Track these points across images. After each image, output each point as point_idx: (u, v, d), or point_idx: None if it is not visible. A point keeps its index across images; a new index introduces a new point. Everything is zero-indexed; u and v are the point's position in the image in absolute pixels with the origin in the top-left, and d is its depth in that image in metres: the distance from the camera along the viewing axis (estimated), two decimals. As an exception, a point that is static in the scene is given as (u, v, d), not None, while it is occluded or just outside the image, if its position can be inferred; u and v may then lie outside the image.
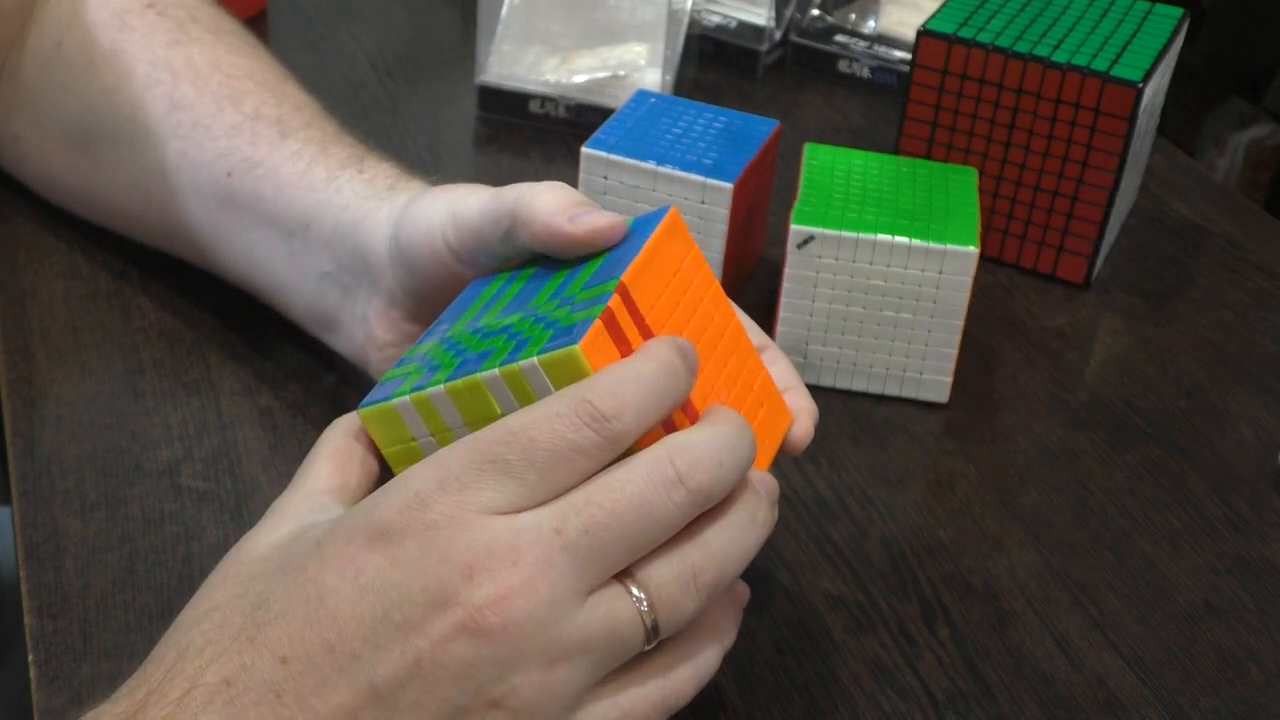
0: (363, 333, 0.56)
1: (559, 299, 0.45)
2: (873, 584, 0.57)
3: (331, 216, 0.57)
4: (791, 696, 0.52)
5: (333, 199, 0.57)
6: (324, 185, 0.58)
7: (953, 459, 0.64)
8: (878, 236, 0.63)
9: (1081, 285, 0.76)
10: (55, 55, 0.66)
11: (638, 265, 0.44)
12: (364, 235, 0.55)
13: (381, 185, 0.57)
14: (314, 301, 0.59)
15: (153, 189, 0.64)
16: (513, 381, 0.42)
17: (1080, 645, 0.55)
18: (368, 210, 0.56)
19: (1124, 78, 0.69)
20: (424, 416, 0.43)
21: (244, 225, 0.60)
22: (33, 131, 0.69)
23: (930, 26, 0.73)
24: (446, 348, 0.45)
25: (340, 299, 0.57)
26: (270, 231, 0.59)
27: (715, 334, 0.46)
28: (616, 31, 0.86)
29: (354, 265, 0.56)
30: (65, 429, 0.60)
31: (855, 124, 0.89)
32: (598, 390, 0.40)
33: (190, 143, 0.62)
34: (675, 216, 0.47)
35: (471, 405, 0.42)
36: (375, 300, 0.55)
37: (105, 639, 0.51)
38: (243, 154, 0.60)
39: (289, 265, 0.59)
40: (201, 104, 0.62)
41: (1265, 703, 0.53)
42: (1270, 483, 0.64)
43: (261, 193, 0.59)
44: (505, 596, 0.38)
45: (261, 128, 0.61)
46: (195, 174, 0.62)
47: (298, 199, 0.58)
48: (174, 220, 0.64)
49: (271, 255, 0.60)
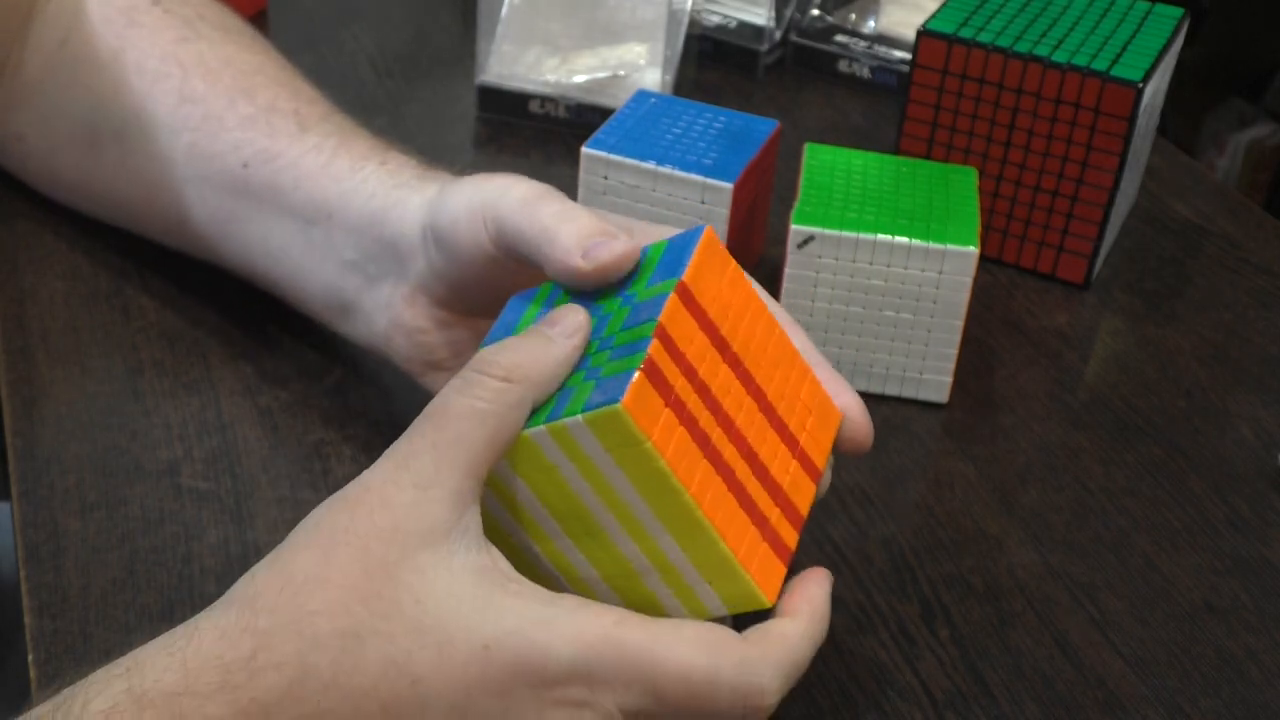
0: (386, 319, 0.57)
1: (598, 339, 0.45)
2: (873, 584, 0.57)
3: (357, 205, 0.57)
4: (792, 696, 0.52)
5: (358, 188, 0.57)
6: (348, 175, 0.58)
7: (953, 459, 0.64)
8: (878, 236, 0.63)
9: (1081, 285, 0.76)
10: (60, 52, 0.66)
11: (673, 304, 0.43)
12: (394, 222, 0.56)
13: (408, 175, 0.57)
14: (332, 289, 0.59)
15: (160, 182, 0.64)
16: (560, 438, 0.42)
17: (1080, 645, 0.55)
18: (398, 198, 0.56)
19: (1124, 78, 0.69)
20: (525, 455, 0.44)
21: (259, 215, 0.61)
22: (37, 129, 0.69)
23: (930, 26, 0.73)
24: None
25: (361, 285, 0.58)
26: (288, 221, 0.60)
27: (759, 352, 0.46)
28: (616, 31, 0.86)
29: (381, 253, 0.56)
30: (65, 429, 0.60)
31: (855, 124, 0.89)
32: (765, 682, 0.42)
33: (201, 134, 0.62)
34: (711, 236, 0.46)
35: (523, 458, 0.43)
36: (403, 287, 0.56)
37: (105, 639, 0.51)
38: (259, 145, 0.61)
39: (307, 254, 0.59)
40: (213, 97, 0.63)
41: (1265, 703, 0.53)
42: (1270, 483, 0.64)
43: (280, 184, 0.60)
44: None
45: (278, 120, 0.61)
46: (206, 165, 0.62)
47: (320, 189, 0.58)
48: (180, 213, 0.64)
49: (288, 244, 0.60)
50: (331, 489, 0.58)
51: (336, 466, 0.59)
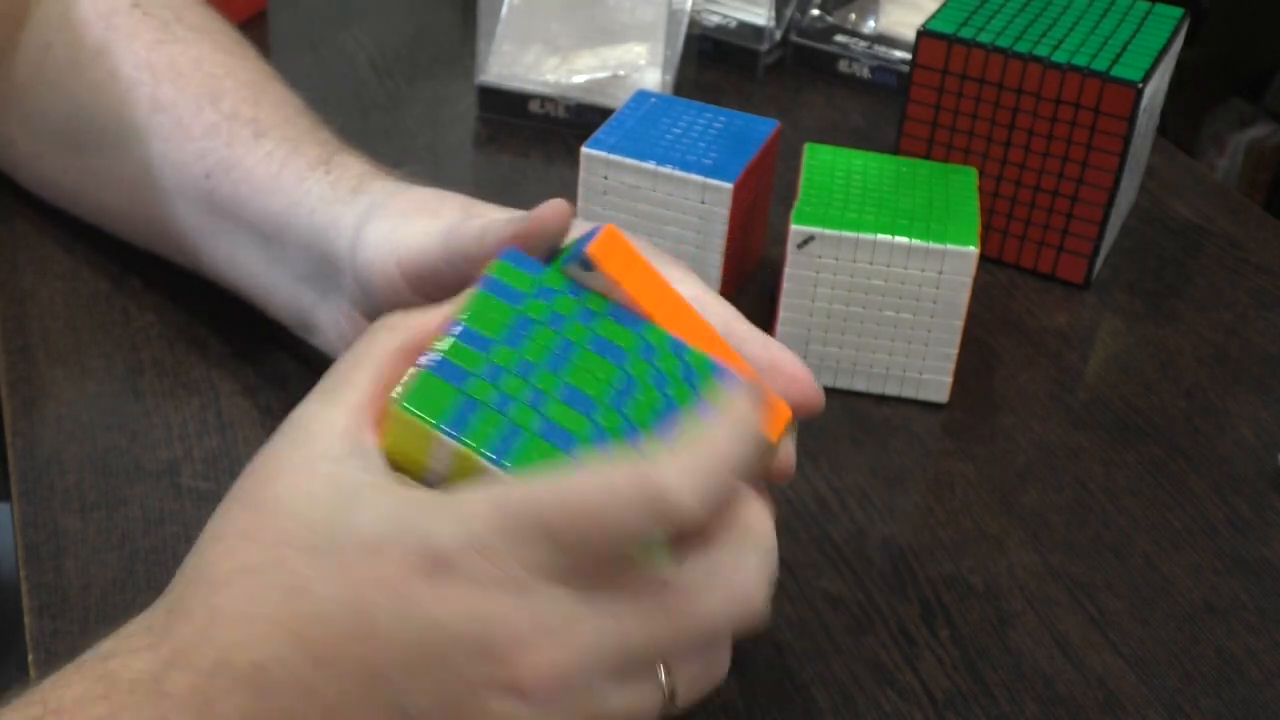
0: (336, 335, 0.56)
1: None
2: (873, 584, 0.57)
3: (302, 220, 0.56)
4: (791, 696, 0.52)
5: (303, 201, 0.57)
6: (295, 187, 0.57)
7: (953, 459, 0.64)
8: (878, 236, 0.63)
9: (1081, 285, 0.76)
10: (46, 56, 0.66)
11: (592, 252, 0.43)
12: (330, 240, 0.55)
13: (345, 188, 0.56)
14: (293, 304, 0.59)
15: (139, 191, 0.64)
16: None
17: (1080, 645, 0.55)
18: (333, 215, 0.55)
19: (1124, 78, 0.69)
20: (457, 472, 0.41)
21: (226, 228, 0.60)
22: (25, 133, 0.69)
23: (930, 26, 0.73)
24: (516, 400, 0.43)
25: (316, 301, 0.57)
26: (250, 235, 0.59)
27: (680, 334, 0.46)
28: (616, 31, 0.86)
29: (324, 269, 0.56)
30: (65, 429, 0.60)
31: (855, 124, 0.89)
32: (670, 479, 0.38)
33: (171, 144, 0.62)
34: (612, 230, 0.45)
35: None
36: (343, 304, 0.56)
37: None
38: (219, 155, 0.60)
39: (269, 269, 0.59)
40: (182, 103, 0.62)
41: (1265, 702, 0.53)
42: (1270, 483, 0.64)
43: (239, 195, 0.59)
44: (551, 669, 0.38)
45: (237, 128, 0.60)
46: (177, 175, 0.61)
47: (272, 202, 0.58)
48: (161, 223, 0.64)
49: (251, 259, 0.60)
50: (331, 489, 0.58)
51: (336, 466, 0.59)
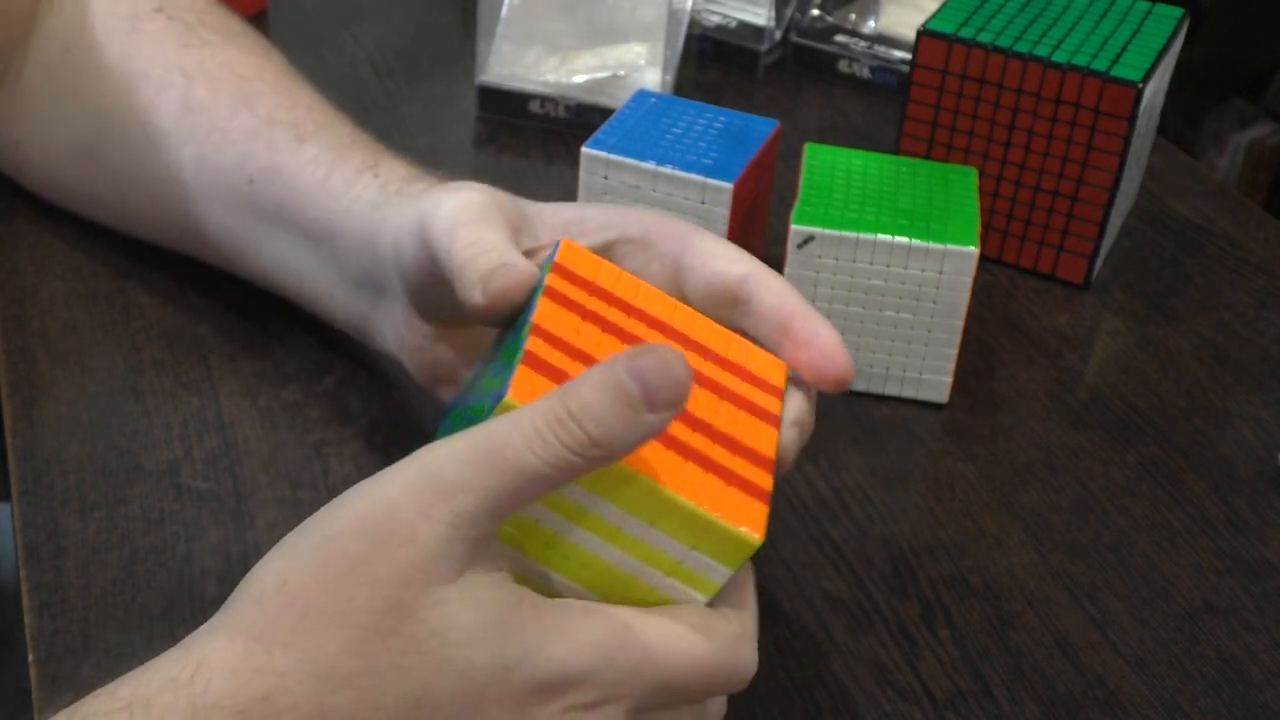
0: (394, 336, 0.57)
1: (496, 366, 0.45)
2: (873, 584, 0.57)
3: (352, 225, 0.56)
4: (791, 696, 0.52)
5: (351, 207, 0.57)
6: (343, 192, 0.57)
7: (953, 459, 0.64)
8: (878, 236, 0.63)
9: (1081, 285, 0.76)
10: (62, 61, 0.66)
11: (544, 304, 0.44)
12: (378, 244, 0.55)
13: (392, 191, 0.56)
14: (349, 308, 0.59)
15: (169, 194, 0.64)
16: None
17: (1080, 645, 0.55)
18: (380, 219, 0.55)
19: (1124, 78, 0.69)
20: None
21: (273, 233, 0.60)
22: (35, 137, 0.69)
23: (930, 26, 0.73)
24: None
25: (374, 302, 0.57)
26: (300, 240, 0.59)
27: (665, 329, 0.46)
28: (616, 31, 0.86)
29: (377, 271, 0.56)
30: (65, 429, 0.60)
31: (855, 124, 0.89)
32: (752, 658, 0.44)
33: (208, 148, 0.62)
34: (568, 245, 0.47)
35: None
36: (398, 305, 0.55)
37: (105, 639, 0.51)
38: (262, 160, 0.60)
39: (321, 272, 0.59)
40: (216, 107, 0.62)
41: (1265, 703, 0.53)
42: (1270, 483, 0.64)
43: (285, 201, 0.59)
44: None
45: (278, 133, 0.60)
46: (214, 180, 0.62)
47: (322, 208, 0.58)
48: (194, 226, 0.64)
49: (303, 264, 0.60)
50: (331, 489, 0.58)
51: (336, 466, 0.59)
